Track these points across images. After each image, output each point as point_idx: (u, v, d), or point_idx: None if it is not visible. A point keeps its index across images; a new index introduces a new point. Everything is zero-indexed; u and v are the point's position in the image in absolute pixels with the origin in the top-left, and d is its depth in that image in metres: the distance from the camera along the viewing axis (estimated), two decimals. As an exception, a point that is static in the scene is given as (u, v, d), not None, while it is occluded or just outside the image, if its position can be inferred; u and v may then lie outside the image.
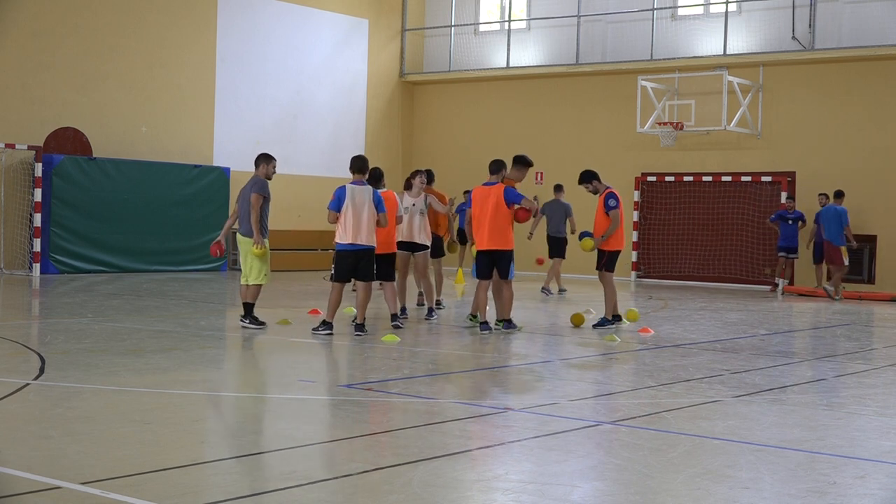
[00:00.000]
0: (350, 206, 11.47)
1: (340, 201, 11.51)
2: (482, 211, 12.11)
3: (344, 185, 11.69)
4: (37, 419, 6.89)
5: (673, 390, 8.61)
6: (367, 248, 11.60)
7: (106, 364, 9.13)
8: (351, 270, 11.64)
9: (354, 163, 11.79)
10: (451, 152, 27.43)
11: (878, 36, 21.99)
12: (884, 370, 10.39)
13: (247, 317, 12.25)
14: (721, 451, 6.40)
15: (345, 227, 11.51)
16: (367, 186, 11.66)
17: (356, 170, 11.73)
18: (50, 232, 20.43)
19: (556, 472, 5.80)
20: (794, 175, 22.61)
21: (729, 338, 12.80)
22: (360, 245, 11.52)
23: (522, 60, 26.73)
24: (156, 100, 22.79)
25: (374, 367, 9.65)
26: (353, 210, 11.47)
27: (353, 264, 11.59)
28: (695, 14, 24.66)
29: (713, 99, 22.48)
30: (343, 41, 26.71)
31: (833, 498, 5.38)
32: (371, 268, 11.71)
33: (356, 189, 11.56)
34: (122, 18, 22.16)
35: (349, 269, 11.63)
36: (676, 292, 20.76)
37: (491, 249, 12.09)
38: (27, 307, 15.07)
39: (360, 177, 11.71)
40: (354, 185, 11.62)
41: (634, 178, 24.41)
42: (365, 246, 11.56)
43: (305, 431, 6.96)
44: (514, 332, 12.18)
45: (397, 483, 5.45)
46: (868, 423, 7.46)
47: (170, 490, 5.19)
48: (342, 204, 11.50)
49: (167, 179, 22.31)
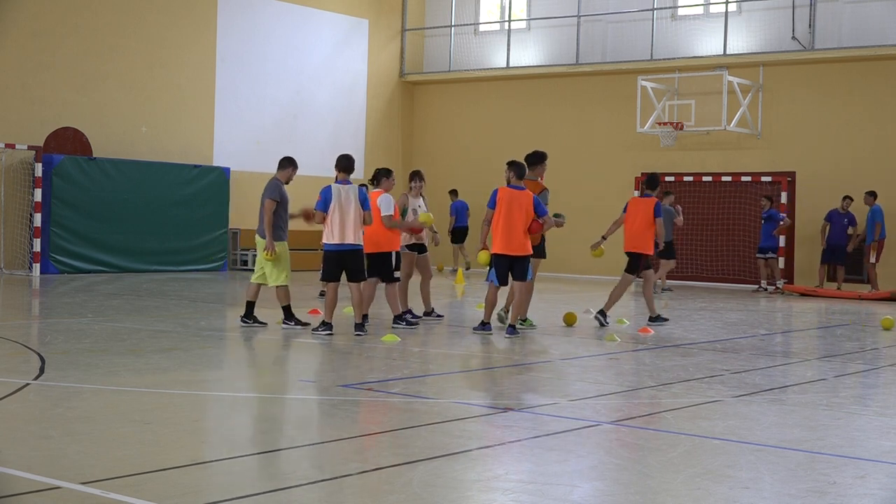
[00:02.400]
0: (337, 206, 11.44)
1: (327, 202, 11.49)
2: (509, 215, 11.84)
3: (329, 185, 11.65)
4: (37, 419, 6.89)
5: (673, 390, 8.61)
6: (355, 248, 11.53)
7: (106, 364, 9.13)
8: (340, 270, 11.60)
9: (340, 162, 11.68)
10: (451, 152, 27.43)
11: (878, 36, 21.99)
12: (884, 370, 10.40)
13: (248, 317, 12.24)
14: (721, 451, 6.40)
15: (332, 227, 11.47)
16: (353, 185, 11.60)
17: (342, 169, 11.66)
18: (50, 232, 20.42)
19: (556, 472, 5.79)
20: (794, 175, 22.61)
21: (729, 338, 12.80)
22: (348, 245, 11.48)
23: (522, 60, 26.73)
24: (156, 100, 22.79)
25: (374, 367, 9.65)
26: (339, 210, 11.43)
27: (342, 264, 11.56)
28: (695, 14, 24.66)
29: (713, 99, 22.49)
30: (343, 41, 26.71)
31: (833, 498, 5.38)
32: (360, 267, 11.64)
33: (342, 188, 11.52)
34: (122, 18, 22.16)
35: (337, 269, 11.61)
36: (676, 292, 20.76)
37: (513, 255, 11.91)
38: (27, 307, 15.07)
39: (344, 176, 11.65)
40: (340, 184, 11.58)
41: (634, 178, 24.38)
42: (352, 245, 11.50)
43: (305, 431, 6.96)
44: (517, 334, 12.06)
45: (397, 483, 5.45)
46: (868, 423, 7.46)
47: (170, 490, 5.19)
48: (329, 204, 11.48)
49: (167, 179, 22.31)
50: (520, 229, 11.84)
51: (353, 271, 11.58)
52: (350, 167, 11.67)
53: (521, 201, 11.85)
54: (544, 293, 18.40)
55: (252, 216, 24.23)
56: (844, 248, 21.05)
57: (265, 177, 25.21)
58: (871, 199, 20.67)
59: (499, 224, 11.90)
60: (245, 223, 23.93)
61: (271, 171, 12.03)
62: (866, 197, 20.78)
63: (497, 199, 11.95)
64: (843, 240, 21.01)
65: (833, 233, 21.14)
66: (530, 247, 12.03)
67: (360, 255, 11.66)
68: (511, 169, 12.07)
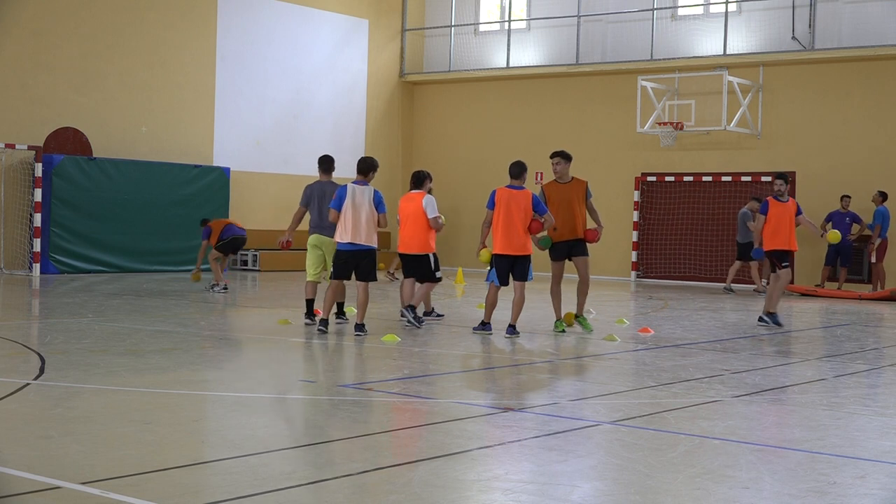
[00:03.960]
0: (350, 205, 11.48)
1: (341, 200, 11.54)
2: (508, 215, 11.85)
3: (346, 184, 11.73)
4: (37, 419, 6.89)
5: (673, 390, 8.61)
6: (367, 249, 11.57)
7: (106, 364, 9.13)
8: (350, 270, 11.64)
9: (358, 164, 11.88)
10: (451, 152, 27.44)
11: (878, 36, 21.99)
12: (884, 370, 10.39)
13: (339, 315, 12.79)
14: (721, 451, 6.40)
15: (344, 226, 11.52)
16: (368, 187, 11.66)
17: (358, 170, 11.78)
18: (50, 232, 20.43)
19: (556, 472, 5.79)
20: (794, 175, 22.61)
21: (729, 338, 12.80)
22: (360, 245, 11.52)
23: (522, 60, 26.73)
24: (156, 100, 22.79)
25: (374, 367, 9.65)
26: (352, 210, 11.48)
27: (353, 264, 11.60)
28: (695, 14, 24.66)
29: (713, 99, 22.50)
30: (343, 41, 26.71)
31: (833, 498, 5.38)
32: (372, 268, 11.68)
33: (357, 189, 11.57)
34: (122, 18, 22.16)
35: (348, 268, 11.64)
36: (676, 292, 20.76)
37: (514, 255, 11.92)
38: (27, 307, 15.07)
39: (361, 177, 11.73)
40: (356, 184, 11.64)
41: (634, 178, 24.41)
42: (364, 246, 11.54)
43: (306, 431, 6.96)
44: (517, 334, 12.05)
45: (397, 483, 5.45)
46: (868, 423, 7.46)
47: (170, 490, 5.19)
48: (343, 203, 11.52)
49: (167, 179, 22.31)
50: (519, 229, 11.84)
51: (364, 272, 11.61)
52: (365, 170, 11.79)
53: (520, 201, 11.86)
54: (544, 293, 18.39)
55: (252, 216, 24.33)
56: (849, 249, 21.06)
57: (265, 177, 25.52)
58: (879, 198, 20.69)
59: (498, 224, 11.92)
60: (245, 223, 23.90)
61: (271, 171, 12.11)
62: (875, 196, 20.80)
63: (496, 199, 11.97)
64: (847, 240, 20.99)
65: None
66: (531, 247, 12.04)
67: (373, 256, 11.67)
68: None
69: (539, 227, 11.93)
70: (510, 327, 11.98)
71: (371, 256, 11.65)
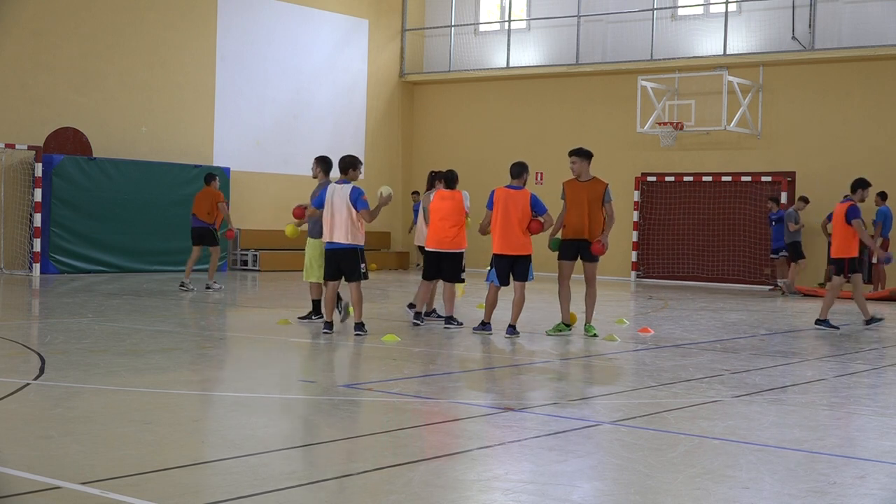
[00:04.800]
0: (329, 204, 11.45)
1: (321, 199, 11.56)
2: (506, 215, 11.83)
3: (331, 182, 11.73)
4: (37, 419, 6.89)
5: (673, 390, 8.60)
6: (347, 248, 11.43)
7: (106, 364, 9.13)
8: (336, 269, 11.58)
9: (339, 162, 11.76)
10: (451, 152, 27.42)
11: (878, 36, 21.99)
12: (884, 370, 10.39)
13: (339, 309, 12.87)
14: (721, 451, 6.40)
15: (326, 226, 11.52)
16: (349, 184, 11.55)
17: (339, 169, 11.74)
18: (50, 232, 20.43)
19: (556, 472, 5.79)
20: (794, 175, 22.61)
21: (729, 338, 12.80)
22: (339, 244, 11.46)
23: (522, 60, 26.73)
24: (156, 100, 22.80)
25: (374, 367, 9.65)
26: (330, 209, 11.45)
27: (335, 264, 11.55)
28: (695, 14, 24.66)
29: (713, 99, 22.50)
30: (343, 41, 26.71)
31: (833, 498, 5.38)
32: (354, 267, 11.48)
33: (337, 188, 11.52)
34: (122, 18, 22.16)
35: (331, 267, 11.60)
36: (676, 292, 20.76)
37: (513, 255, 11.89)
38: (27, 307, 15.07)
39: (343, 176, 11.67)
40: (338, 183, 11.61)
41: (634, 178, 24.41)
42: (343, 245, 11.42)
43: (306, 431, 6.96)
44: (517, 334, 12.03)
45: (397, 483, 5.45)
46: (868, 423, 7.46)
47: (170, 490, 5.19)
48: (322, 201, 11.53)
49: (167, 179, 22.31)
50: (517, 229, 11.83)
51: (347, 271, 11.54)
52: (344, 167, 11.61)
53: (518, 201, 11.86)
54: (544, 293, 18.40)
55: (252, 216, 24.34)
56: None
57: (265, 177, 25.51)
58: (880, 199, 20.56)
59: (497, 224, 11.91)
60: (245, 223, 23.93)
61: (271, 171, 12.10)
62: (876, 198, 20.67)
63: (494, 199, 11.97)
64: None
65: None
66: (530, 246, 12.03)
67: (354, 255, 11.48)
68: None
69: (539, 227, 11.89)
70: (510, 327, 11.97)
71: (352, 255, 11.48)
